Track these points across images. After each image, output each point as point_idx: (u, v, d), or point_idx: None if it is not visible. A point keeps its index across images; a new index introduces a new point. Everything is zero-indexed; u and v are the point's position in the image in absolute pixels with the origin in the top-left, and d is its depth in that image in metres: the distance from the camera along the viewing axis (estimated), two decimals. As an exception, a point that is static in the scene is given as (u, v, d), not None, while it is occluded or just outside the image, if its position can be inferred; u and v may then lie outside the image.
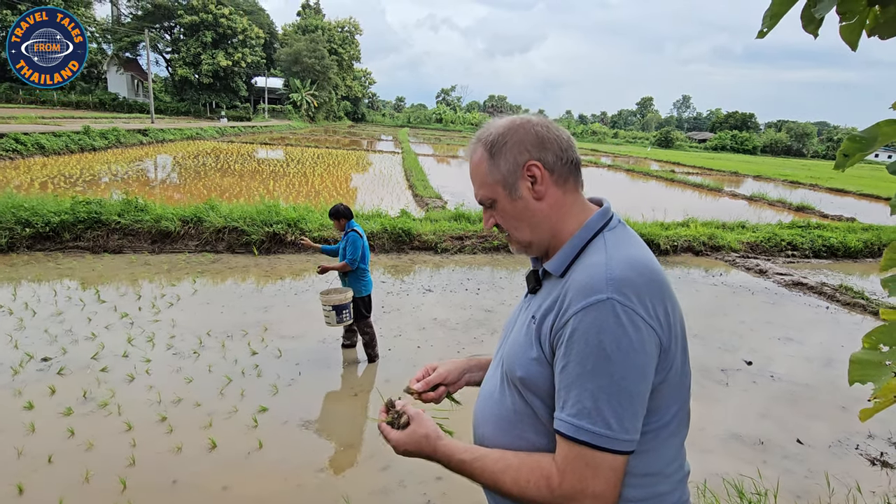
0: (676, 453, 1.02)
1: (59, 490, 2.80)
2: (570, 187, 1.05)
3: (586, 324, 0.89)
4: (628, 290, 0.89)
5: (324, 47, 59.34)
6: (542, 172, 1.02)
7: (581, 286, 0.93)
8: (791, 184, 26.39)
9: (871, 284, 8.38)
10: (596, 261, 0.96)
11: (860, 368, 1.39)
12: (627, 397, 0.88)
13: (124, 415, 3.53)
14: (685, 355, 1.00)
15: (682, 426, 1.03)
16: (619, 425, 0.88)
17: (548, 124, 1.05)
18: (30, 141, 16.78)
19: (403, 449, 1.05)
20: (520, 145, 1.02)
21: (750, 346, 5.56)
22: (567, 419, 0.90)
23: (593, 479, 0.88)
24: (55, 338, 4.58)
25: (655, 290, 0.93)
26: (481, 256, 8.63)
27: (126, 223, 7.63)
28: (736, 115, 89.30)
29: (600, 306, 0.89)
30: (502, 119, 1.07)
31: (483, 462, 0.99)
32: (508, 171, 1.03)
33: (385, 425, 1.09)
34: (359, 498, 2.91)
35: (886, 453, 3.75)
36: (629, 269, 0.92)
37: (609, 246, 0.98)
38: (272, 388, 4.04)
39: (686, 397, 1.03)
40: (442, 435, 1.05)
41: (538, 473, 0.93)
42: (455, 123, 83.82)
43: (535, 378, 0.99)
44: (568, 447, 0.90)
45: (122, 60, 50.63)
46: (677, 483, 1.03)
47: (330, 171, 18.12)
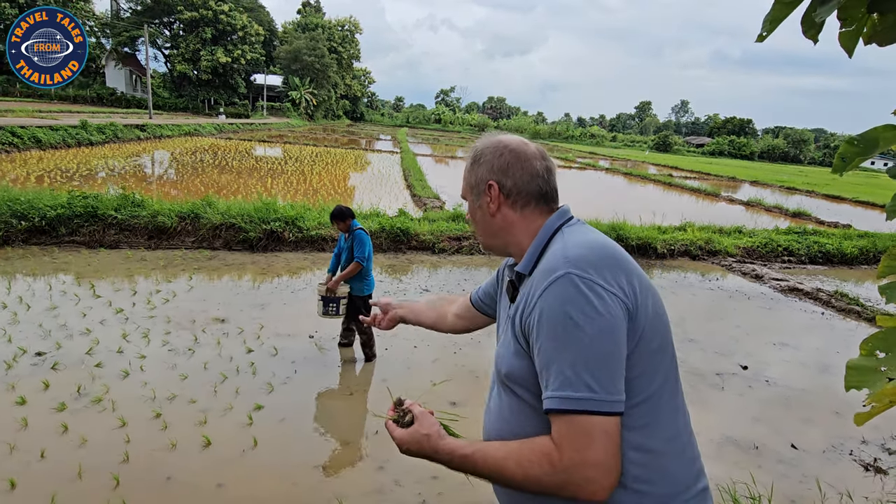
0: (678, 432, 1.03)
1: (51, 485, 2.78)
2: (529, 212, 1.14)
3: (550, 301, 0.95)
4: (584, 265, 0.96)
5: (323, 46, 59.27)
6: (496, 193, 1.14)
7: (542, 271, 1.00)
8: (788, 190, 26.51)
9: (866, 291, 8.42)
10: (555, 248, 1.05)
11: (856, 374, 1.39)
12: (603, 359, 0.91)
13: (118, 411, 3.51)
14: (663, 328, 1.02)
15: (674, 401, 1.04)
16: (600, 387, 0.90)
17: (523, 154, 1.14)
18: (26, 134, 16.70)
19: (406, 447, 1.07)
20: (488, 164, 1.16)
21: (745, 350, 5.57)
22: (552, 394, 0.93)
23: (589, 446, 0.90)
24: (49, 332, 4.55)
25: (612, 264, 0.98)
26: (479, 257, 8.62)
27: (123, 218, 7.59)
28: (734, 121, 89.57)
29: (560, 281, 0.95)
30: (495, 137, 1.20)
31: (485, 452, 1.01)
32: (475, 182, 1.18)
33: (391, 423, 1.12)
34: (354, 497, 2.90)
35: (880, 459, 3.77)
36: (584, 248, 1.00)
37: (566, 235, 1.07)
38: (267, 386, 4.02)
39: (670, 371, 1.04)
40: (444, 435, 1.06)
41: (538, 453, 0.95)
42: (454, 124, 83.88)
43: (517, 371, 1.04)
44: (560, 421, 0.93)
45: (120, 55, 50.44)
46: (689, 464, 1.03)
47: (328, 169, 18.10)
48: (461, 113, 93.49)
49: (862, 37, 1.39)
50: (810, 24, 1.36)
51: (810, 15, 1.33)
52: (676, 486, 0.99)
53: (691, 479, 1.02)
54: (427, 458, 1.06)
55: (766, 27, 1.38)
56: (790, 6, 1.34)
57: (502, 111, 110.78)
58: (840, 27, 1.39)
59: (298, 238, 8.01)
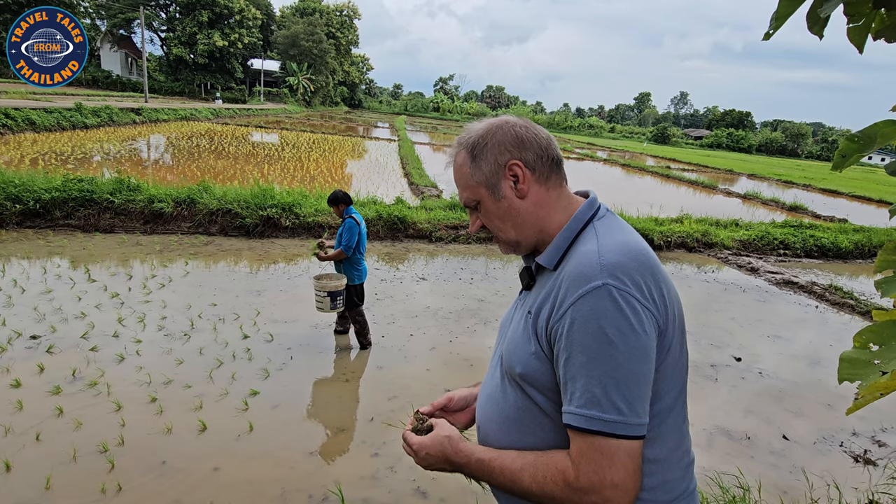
0: (682, 439, 1.02)
1: (46, 468, 2.79)
2: (552, 184, 1.06)
3: (584, 312, 0.88)
4: (622, 275, 0.89)
5: (321, 31, 58.65)
6: (524, 171, 1.04)
7: (575, 276, 0.92)
8: (785, 183, 26.54)
9: (860, 285, 8.47)
10: (588, 249, 0.96)
11: (849, 367, 1.40)
12: (634, 381, 0.87)
13: (113, 395, 3.51)
14: (683, 338, 1.00)
15: (684, 412, 1.03)
16: (629, 409, 0.87)
17: (526, 124, 1.06)
18: (20, 116, 16.52)
19: (426, 452, 1.06)
20: (500, 146, 1.04)
21: (739, 342, 5.61)
22: (576, 411, 0.89)
23: (610, 468, 0.87)
24: (44, 316, 4.54)
25: (648, 272, 0.92)
26: (476, 246, 8.62)
27: (118, 202, 7.55)
28: (733, 114, 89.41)
29: (596, 293, 0.88)
30: (482, 122, 1.09)
31: (502, 461, 0.98)
32: (490, 172, 1.05)
33: (408, 433, 1.10)
34: (349, 482, 2.92)
35: (870, 451, 3.81)
36: (621, 254, 0.92)
37: (600, 234, 0.99)
38: (263, 372, 4.03)
39: (684, 381, 1.02)
40: (463, 438, 1.06)
41: (554, 469, 0.92)
42: (452, 113, 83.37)
43: (535, 374, 0.98)
44: (581, 439, 0.89)
45: (116, 37, 49.81)
46: (684, 469, 1.02)
47: (325, 156, 18.00)
48: (460, 101, 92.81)
49: (870, 32, 1.38)
50: (815, 19, 1.35)
51: (815, 11, 1.32)
52: (672, 492, 0.99)
53: (685, 482, 1.02)
54: (447, 462, 1.05)
55: (772, 25, 1.37)
56: (796, 2, 1.33)
57: (501, 100, 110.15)
58: (848, 22, 1.37)
59: (295, 224, 7.98)
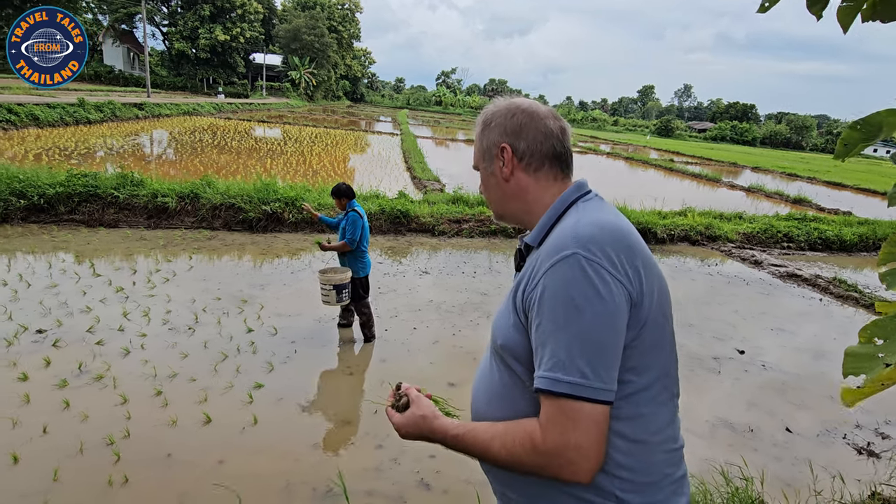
0: (666, 424, 1.02)
1: (53, 460, 2.82)
2: (543, 175, 1.11)
3: (554, 280, 0.92)
4: (593, 246, 0.93)
5: (323, 24, 58.48)
6: (510, 156, 1.10)
7: (550, 248, 0.97)
8: (789, 176, 26.42)
9: (864, 278, 8.44)
10: (566, 224, 1.01)
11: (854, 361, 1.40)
12: (599, 346, 0.90)
13: (119, 388, 3.53)
14: (664, 320, 1.01)
15: (666, 395, 1.03)
16: (593, 374, 0.89)
17: (535, 114, 1.10)
18: (24, 112, 16.54)
19: (405, 431, 1.09)
20: (500, 127, 1.12)
21: (742, 335, 5.60)
22: (543, 374, 0.92)
23: (574, 430, 0.89)
24: (50, 310, 4.56)
25: (623, 248, 0.95)
26: (478, 240, 8.62)
27: (122, 197, 7.57)
28: (737, 106, 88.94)
29: (566, 261, 0.92)
30: (505, 100, 1.15)
31: (475, 433, 1.02)
32: (487, 147, 1.14)
33: (390, 409, 1.13)
34: (353, 474, 2.94)
35: (873, 443, 3.81)
36: (595, 228, 0.96)
37: (580, 212, 1.03)
38: (267, 366, 4.05)
39: (667, 365, 1.02)
40: (439, 415, 1.08)
41: (522, 434, 0.95)
42: (455, 106, 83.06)
43: (514, 345, 1.02)
44: (548, 402, 0.92)
45: (117, 32, 49.73)
46: (669, 454, 1.03)
47: (328, 150, 17.99)
48: (462, 95, 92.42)
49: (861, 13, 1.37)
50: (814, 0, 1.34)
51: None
52: (657, 474, 1.00)
53: (672, 467, 1.03)
54: (426, 439, 1.08)
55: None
56: None
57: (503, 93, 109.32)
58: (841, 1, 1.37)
59: (298, 219, 7.99)
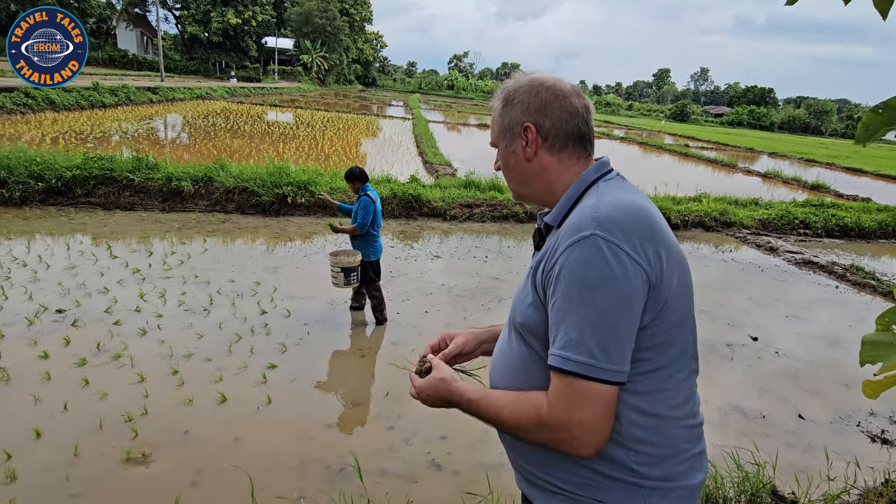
0: (685, 400, 1.03)
1: (74, 436, 2.89)
2: (567, 155, 1.08)
3: (572, 260, 0.92)
4: (612, 227, 0.92)
5: (335, 7, 57.99)
6: (534, 136, 1.07)
7: (569, 227, 0.97)
8: (807, 162, 25.92)
9: (882, 265, 8.30)
10: (586, 204, 1.00)
11: (872, 349, 1.38)
12: (611, 327, 0.90)
13: (137, 367, 3.60)
14: (686, 303, 1.01)
15: (686, 372, 1.03)
16: (603, 355, 0.90)
17: (560, 92, 1.07)
18: (40, 95, 16.71)
19: (425, 394, 1.12)
20: (523, 104, 1.07)
21: (756, 322, 5.56)
22: (555, 352, 0.93)
23: (580, 408, 0.91)
24: (69, 291, 4.65)
25: (643, 230, 0.94)
26: (490, 225, 8.60)
27: (138, 181, 7.64)
28: (755, 90, 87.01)
29: (584, 242, 0.92)
30: (527, 76, 1.11)
31: (488, 399, 1.04)
32: (509, 125, 1.10)
33: (413, 374, 1.16)
34: (366, 454, 2.98)
35: (888, 431, 3.78)
36: (616, 209, 0.95)
37: (601, 191, 1.02)
38: (281, 347, 4.10)
39: (687, 344, 1.03)
40: (457, 379, 1.11)
41: (530, 405, 0.97)
42: (467, 91, 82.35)
43: (532, 322, 1.03)
44: (558, 379, 0.94)
45: (131, 16, 49.76)
46: (688, 430, 1.04)
47: (340, 135, 17.97)
48: (474, 79, 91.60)
49: None
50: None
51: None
52: (674, 448, 1.01)
53: (690, 443, 1.03)
54: (443, 401, 1.10)
55: None
56: None
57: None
58: None
59: (310, 203, 8.02)
